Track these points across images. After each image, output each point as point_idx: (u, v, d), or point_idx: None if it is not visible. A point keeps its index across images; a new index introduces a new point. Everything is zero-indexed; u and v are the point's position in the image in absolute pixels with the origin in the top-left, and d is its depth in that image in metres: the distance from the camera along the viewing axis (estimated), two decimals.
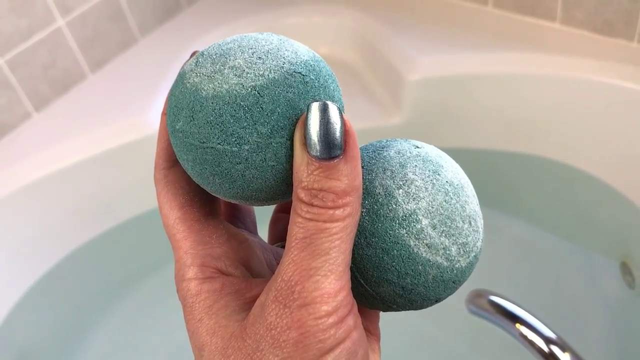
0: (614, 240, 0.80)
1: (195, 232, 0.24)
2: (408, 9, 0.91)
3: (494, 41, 0.81)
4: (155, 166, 0.25)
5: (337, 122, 0.20)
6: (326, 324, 0.20)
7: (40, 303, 0.82)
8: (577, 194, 0.83)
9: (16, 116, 0.84)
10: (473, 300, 0.49)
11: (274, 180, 0.22)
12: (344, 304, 0.20)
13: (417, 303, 0.23)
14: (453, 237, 0.22)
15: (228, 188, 0.22)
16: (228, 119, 0.21)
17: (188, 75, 0.22)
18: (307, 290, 0.20)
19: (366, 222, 0.22)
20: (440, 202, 0.22)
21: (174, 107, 0.22)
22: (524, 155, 0.83)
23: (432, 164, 0.23)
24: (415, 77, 0.81)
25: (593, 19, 0.77)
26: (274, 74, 0.21)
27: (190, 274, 0.23)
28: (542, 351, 0.44)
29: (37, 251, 0.82)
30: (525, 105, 0.79)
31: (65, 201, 0.82)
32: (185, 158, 0.22)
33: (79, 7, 0.86)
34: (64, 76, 0.88)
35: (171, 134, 0.23)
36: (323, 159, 0.20)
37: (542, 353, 0.44)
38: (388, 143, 0.24)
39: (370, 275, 0.22)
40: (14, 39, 0.81)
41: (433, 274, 0.22)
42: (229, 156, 0.21)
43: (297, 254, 0.20)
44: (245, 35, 0.23)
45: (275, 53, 0.22)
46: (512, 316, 0.46)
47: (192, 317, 0.22)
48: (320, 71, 0.22)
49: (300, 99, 0.21)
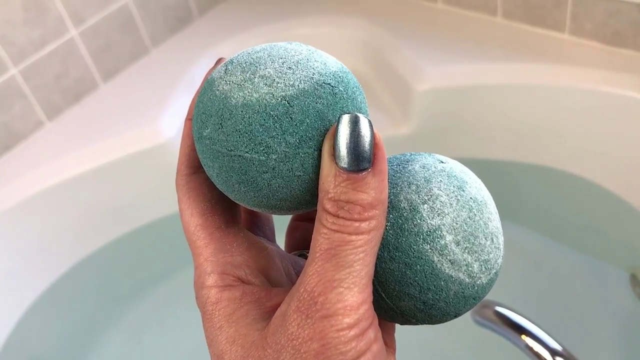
0: (624, 252, 0.80)
1: (216, 240, 0.24)
2: (417, 19, 0.91)
3: (502, 52, 0.81)
4: (178, 172, 0.25)
5: (367, 135, 0.20)
6: (348, 336, 0.20)
7: (50, 311, 0.83)
8: (587, 205, 0.83)
9: (29, 125, 0.85)
10: (479, 310, 0.49)
11: (299, 190, 0.22)
12: (365, 317, 0.20)
13: (437, 318, 0.23)
14: (476, 254, 0.22)
15: (253, 196, 0.22)
16: (257, 127, 0.21)
17: (217, 83, 0.22)
18: (330, 302, 0.20)
19: (390, 235, 0.22)
20: (465, 218, 0.22)
21: (202, 114, 0.22)
22: (533, 166, 0.83)
23: (457, 179, 0.23)
24: (424, 87, 0.81)
25: (602, 30, 0.77)
26: (304, 85, 0.21)
27: (210, 282, 0.23)
28: None
29: (47, 259, 0.83)
30: (534, 116, 0.79)
31: (75, 209, 0.83)
32: (211, 165, 0.22)
33: (92, 18, 0.88)
34: (76, 86, 0.89)
35: (197, 141, 0.23)
36: (351, 171, 0.20)
37: None
38: (413, 157, 0.24)
39: (392, 289, 0.22)
40: (28, 49, 0.82)
41: (455, 290, 0.22)
42: (256, 165, 0.21)
43: (321, 265, 0.20)
44: (274, 45, 0.23)
45: (305, 63, 0.22)
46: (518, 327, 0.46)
47: (211, 324, 0.22)
48: (348, 83, 0.22)
49: (329, 110, 0.21)
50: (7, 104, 0.82)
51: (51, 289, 0.82)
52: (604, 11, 0.76)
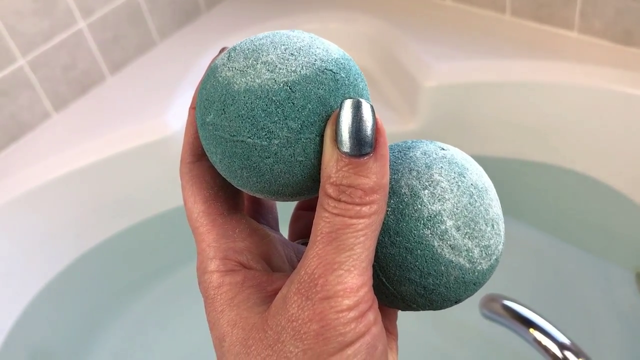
0: (629, 250, 0.80)
1: (218, 226, 0.24)
2: (425, 15, 0.91)
3: (511, 49, 0.81)
4: (182, 160, 0.25)
5: (369, 120, 0.21)
6: (347, 317, 0.20)
7: (53, 303, 0.83)
8: (593, 203, 0.83)
9: (36, 116, 0.85)
10: (487, 304, 0.49)
11: (301, 176, 0.22)
12: (365, 299, 0.20)
13: (437, 303, 0.23)
14: (476, 240, 0.22)
15: (255, 182, 0.22)
16: (259, 113, 0.21)
17: (220, 69, 0.22)
18: (330, 284, 0.20)
19: (391, 221, 0.22)
20: (465, 204, 0.22)
21: (205, 100, 0.22)
22: (540, 164, 0.83)
23: (458, 166, 0.23)
24: (431, 83, 0.81)
25: (612, 28, 0.77)
26: (306, 71, 0.21)
27: (212, 267, 0.23)
28: (556, 357, 0.44)
29: (51, 251, 0.83)
30: (541, 114, 0.79)
31: (80, 201, 0.83)
32: (214, 151, 0.23)
33: (100, 10, 0.88)
34: (83, 77, 0.89)
35: (200, 127, 0.23)
36: (353, 155, 0.20)
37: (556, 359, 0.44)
38: (414, 144, 0.24)
39: (393, 273, 0.22)
40: (36, 39, 0.82)
41: (455, 275, 0.22)
42: (258, 150, 0.21)
43: (321, 248, 0.20)
44: (277, 32, 0.23)
45: (307, 50, 0.22)
46: (526, 321, 0.46)
47: (213, 308, 0.23)
48: (350, 69, 0.23)
49: (331, 96, 0.22)
50: (14, 94, 0.82)
51: (55, 281, 0.83)
52: (614, 9, 0.76)
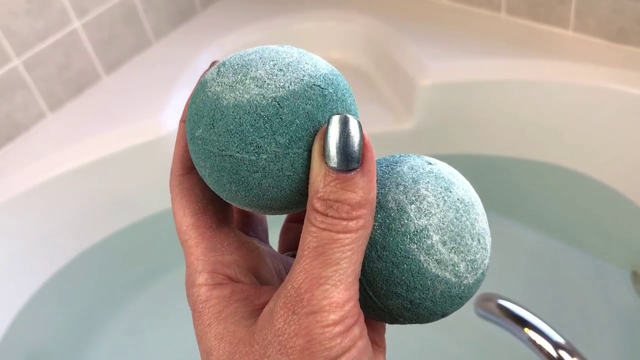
0: (625, 249, 0.80)
1: (207, 239, 0.24)
2: (420, 14, 0.91)
3: (506, 48, 0.81)
4: (171, 173, 0.25)
5: (357, 136, 0.21)
6: (333, 332, 0.20)
7: (51, 302, 0.83)
8: (588, 202, 0.83)
9: (31, 116, 0.85)
10: (481, 303, 0.49)
11: (289, 190, 0.22)
12: (351, 314, 0.20)
13: (424, 317, 0.23)
14: (462, 254, 0.23)
15: (244, 196, 0.23)
16: (248, 128, 0.21)
17: (210, 84, 0.23)
18: (316, 299, 0.20)
19: (378, 235, 0.22)
20: (451, 219, 0.23)
21: (195, 115, 0.23)
22: (536, 163, 0.83)
23: (444, 180, 0.23)
24: (427, 82, 0.81)
25: (606, 27, 0.77)
26: (294, 86, 0.22)
27: (200, 280, 0.23)
28: (551, 356, 0.44)
29: (48, 251, 0.82)
30: (537, 112, 0.79)
31: (76, 202, 0.83)
32: (203, 165, 0.23)
33: (95, 10, 0.87)
34: (78, 77, 0.89)
35: (190, 141, 0.23)
36: (340, 170, 0.21)
37: (550, 358, 0.44)
38: (401, 158, 0.24)
39: (379, 287, 0.23)
40: (30, 39, 0.82)
41: (441, 289, 0.22)
42: (246, 165, 0.22)
43: (308, 262, 0.20)
44: (266, 47, 0.23)
45: (295, 66, 0.22)
46: (521, 320, 0.46)
47: (201, 322, 0.23)
48: (338, 85, 0.23)
49: (319, 112, 0.22)
50: (9, 94, 0.82)
51: (52, 281, 0.82)
52: (609, 8, 0.76)
